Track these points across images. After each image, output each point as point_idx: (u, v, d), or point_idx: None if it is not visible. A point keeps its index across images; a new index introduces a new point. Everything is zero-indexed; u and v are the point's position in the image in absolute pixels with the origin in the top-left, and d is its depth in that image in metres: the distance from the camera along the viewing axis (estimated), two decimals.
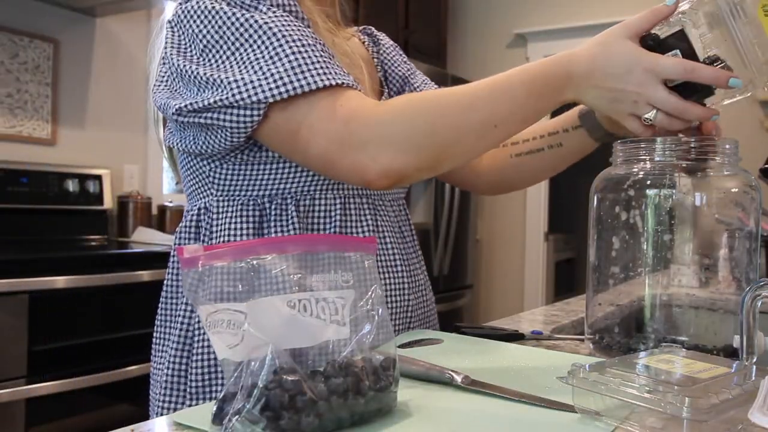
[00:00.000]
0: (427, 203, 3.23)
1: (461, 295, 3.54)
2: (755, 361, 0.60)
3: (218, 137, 0.73)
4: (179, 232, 0.83)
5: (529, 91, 0.69)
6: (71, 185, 2.38)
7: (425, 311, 0.92)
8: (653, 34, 0.70)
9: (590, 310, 0.76)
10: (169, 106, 0.74)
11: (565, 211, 4.79)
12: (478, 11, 3.97)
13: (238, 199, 0.80)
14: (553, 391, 0.58)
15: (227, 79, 0.69)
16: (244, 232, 0.78)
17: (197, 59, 0.73)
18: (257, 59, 0.69)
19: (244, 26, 0.71)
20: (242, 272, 0.48)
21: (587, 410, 0.52)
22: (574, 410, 0.53)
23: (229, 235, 0.78)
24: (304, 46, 0.70)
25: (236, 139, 0.72)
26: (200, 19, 0.73)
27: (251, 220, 0.79)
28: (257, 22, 0.71)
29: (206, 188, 0.81)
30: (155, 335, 0.85)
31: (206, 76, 0.70)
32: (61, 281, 1.77)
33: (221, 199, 0.80)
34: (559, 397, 0.56)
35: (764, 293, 0.60)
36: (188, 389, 0.78)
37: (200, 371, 0.77)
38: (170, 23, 0.77)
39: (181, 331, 0.80)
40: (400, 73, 0.96)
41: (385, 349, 0.52)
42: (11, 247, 2.04)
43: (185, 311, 0.80)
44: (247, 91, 0.68)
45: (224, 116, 0.70)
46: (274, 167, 0.78)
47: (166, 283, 0.84)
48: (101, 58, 2.60)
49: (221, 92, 0.69)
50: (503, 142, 0.81)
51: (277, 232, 0.79)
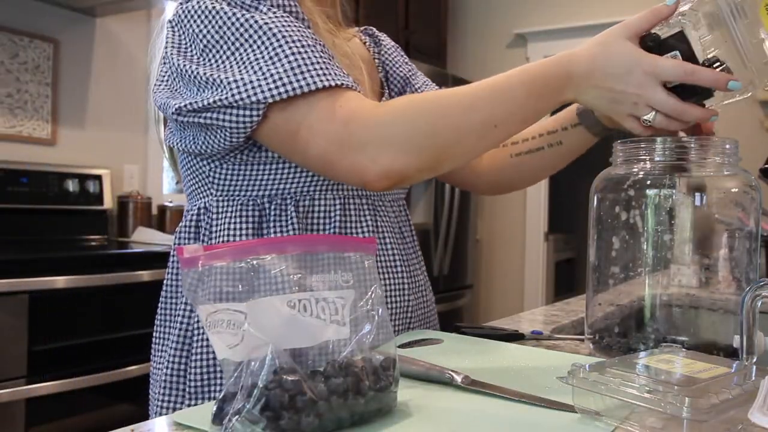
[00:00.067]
0: (427, 203, 3.23)
1: (461, 295, 3.54)
2: (755, 361, 0.60)
3: (218, 137, 0.73)
4: (179, 232, 0.83)
5: (528, 91, 0.69)
6: (71, 185, 2.38)
7: (425, 312, 0.92)
8: (653, 34, 0.69)
9: (590, 310, 0.76)
10: (169, 105, 0.74)
11: (565, 211, 4.79)
12: (478, 11, 3.97)
13: (237, 199, 0.80)
14: (553, 391, 0.58)
15: (227, 79, 0.69)
16: (243, 232, 0.79)
17: (197, 59, 0.73)
18: (257, 59, 0.69)
19: (244, 26, 0.71)
20: (242, 272, 0.48)
21: (587, 410, 0.52)
22: (574, 410, 0.53)
23: (228, 235, 0.79)
24: (303, 46, 0.70)
25: (236, 139, 0.72)
26: (200, 18, 0.73)
27: (251, 220, 0.79)
28: (257, 22, 0.71)
29: (206, 188, 0.81)
30: (155, 335, 0.85)
31: (206, 76, 0.71)
32: (61, 281, 1.77)
33: (221, 199, 0.80)
34: (559, 397, 0.56)
35: (764, 293, 0.60)
36: (187, 389, 0.78)
37: (199, 371, 0.77)
38: (171, 23, 0.77)
39: (180, 330, 0.80)
40: (401, 73, 0.97)
41: (385, 349, 0.52)
42: (11, 247, 2.04)
43: (185, 311, 0.80)
44: (246, 91, 0.68)
45: (224, 116, 0.70)
46: (273, 167, 0.78)
47: (165, 283, 0.85)
48: (101, 58, 2.60)
49: (221, 92, 0.69)
50: (503, 142, 0.81)
51: (276, 232, 0.79)
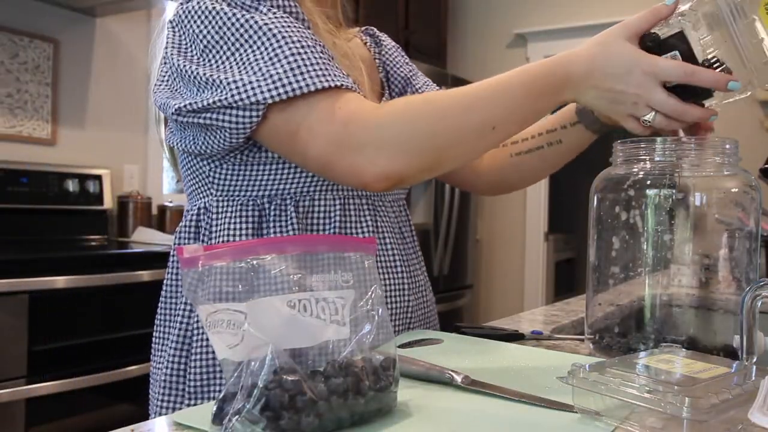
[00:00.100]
0: (427, 203, 3.23)
1: (461, 295, 3.54)
2: (755, 361, 0.60)
3: (217, 137, 0.73)
4: (179, 232, 0.84)
5: (528, 91, 0.69)
6: (71, 185, 2.38)
7: (425, 312, 0.92)
8: (653, 34, 0.69)
9: (590, 310, 0.76)
10: (169, 105, 0.74)
11: (565, 211, 4.79)
12: (478, 11, 3.97)
13: (237, 199, 0.80)
14: (553, 391, 0.58)
15: (227, 79, 0.69)
16: (243, 232, 0.79)
17: (197, 59, 0.73)
18: (257, 60, 0.69)
19: (244, 27, 0.71)
20: (242, 272, 0.48)
21: (587, 410, 0.52)
22: (574, 410, 0.53)
23: (228, 235, 0.79)
24: (303, 47, 0.70)
25: (235, 139, 0.72)
26: (201, 19, 0.73)
27: (250, 220, 0.79)
28: (257, 23, 0.71)
29: (206, 188, 0.81)
30: (155, 335, 0.85)
31: (206, 76, 0.71)
32: (61, 281, 1.77)
33: (221, 199, 0.80)
34: (559, 397, 0.56)
35: (764, 293, 0.60)
36: (187, 389, 0.78)
37: (199, 371, 0.77)
38: (171, 23, 0.77)
39: (180, 330, 0.80)
40: (402, 74, 0.97)
41: (385, 349, 0.52)
42: (11, 247, 2.04)
43: (185, 311, 0.80)
44: (246, 91, 0.68)
45: (223, 117, 0.70)
46: (273, 168, 0.78)
47: (165, 282, 0.85)
48: (101, 58, 2.60)
49: (220, 93, 0.69)
50: (503, 142, 0.81)
51: (276, 232, 0.79)
